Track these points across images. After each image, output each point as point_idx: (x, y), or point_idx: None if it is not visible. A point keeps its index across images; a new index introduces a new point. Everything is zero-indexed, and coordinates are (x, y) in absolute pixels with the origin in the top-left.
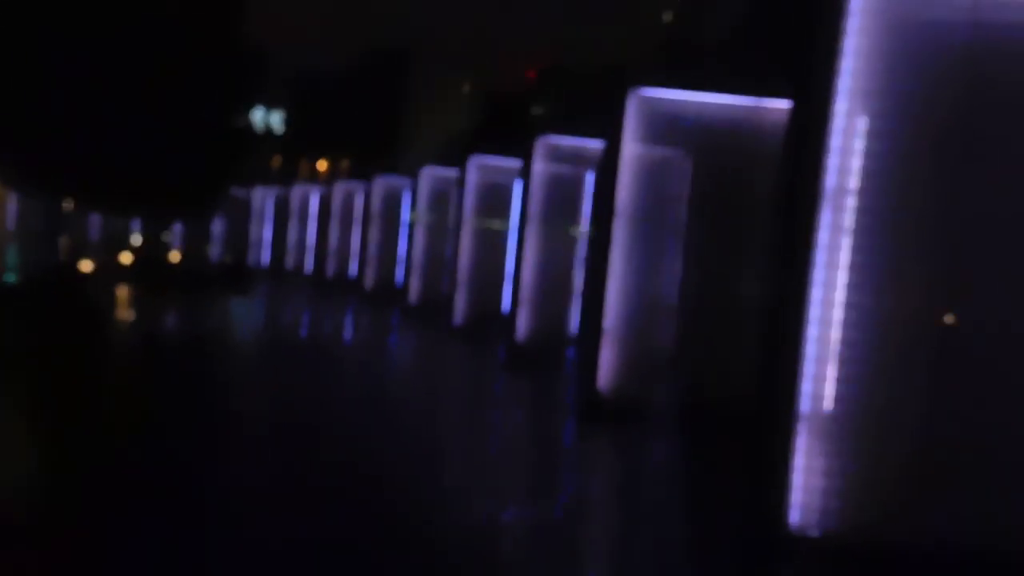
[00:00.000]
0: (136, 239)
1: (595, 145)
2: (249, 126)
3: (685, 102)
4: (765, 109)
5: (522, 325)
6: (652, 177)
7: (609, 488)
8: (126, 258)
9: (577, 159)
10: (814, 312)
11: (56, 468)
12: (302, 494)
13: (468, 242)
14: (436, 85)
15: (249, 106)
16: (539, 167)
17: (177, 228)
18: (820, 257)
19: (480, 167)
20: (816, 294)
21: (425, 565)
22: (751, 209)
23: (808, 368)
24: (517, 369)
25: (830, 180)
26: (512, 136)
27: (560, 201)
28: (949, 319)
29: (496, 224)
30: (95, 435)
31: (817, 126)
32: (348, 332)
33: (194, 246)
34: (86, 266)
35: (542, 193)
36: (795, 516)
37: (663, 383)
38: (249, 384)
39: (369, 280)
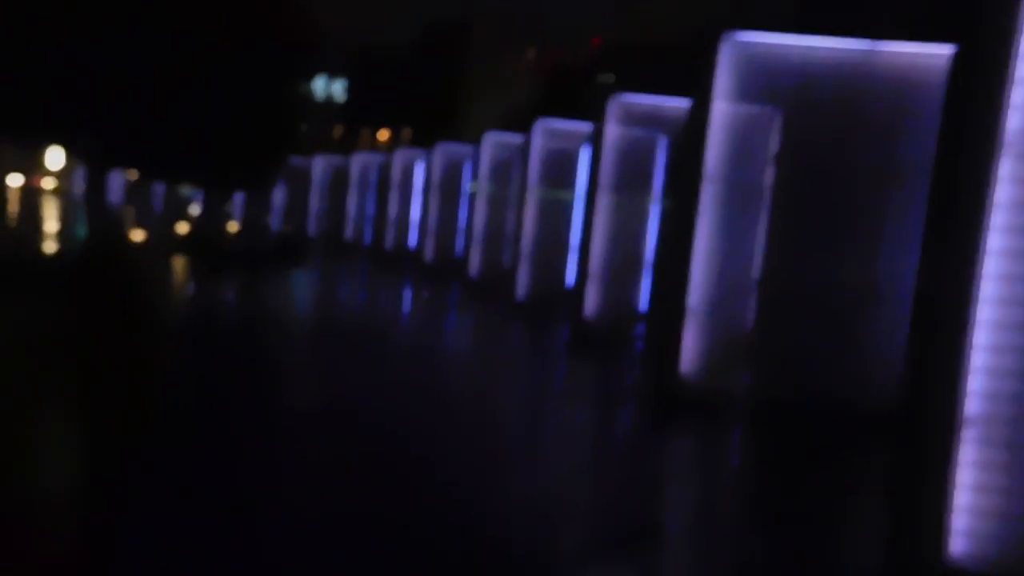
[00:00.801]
0: (195, 209)
1: (675, 104)
2: (309, 94)
3: (783, 48)
4: (880, 54)
5: (590, 302)
6: (744, 137)
7: (708, 504)
8: (183, 228)
9: (654, 121)
10: (987, 289)
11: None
12: (336, 507)
13: (533, 212)
14: (497, 55)
15: (309, 74)
16: (612, 130)
17: (238, 198)
18: (998, 219)
19: (547, 132)
20: (991, 266)
21: None
22: (856, 173)
23: (977, 360)
24: (584, 350)
25: (1014, 121)
26: (578, 104)
27: (633, 167)
28: None
29: (563, 193)
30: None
31: (998, 48)
32: (405, 308)
33: (254, 217)
34: (137, 236)
35: (614, 158)
36: (957, 545)
37: (753, 372)
38: (296, 368)
39: (429, 252)
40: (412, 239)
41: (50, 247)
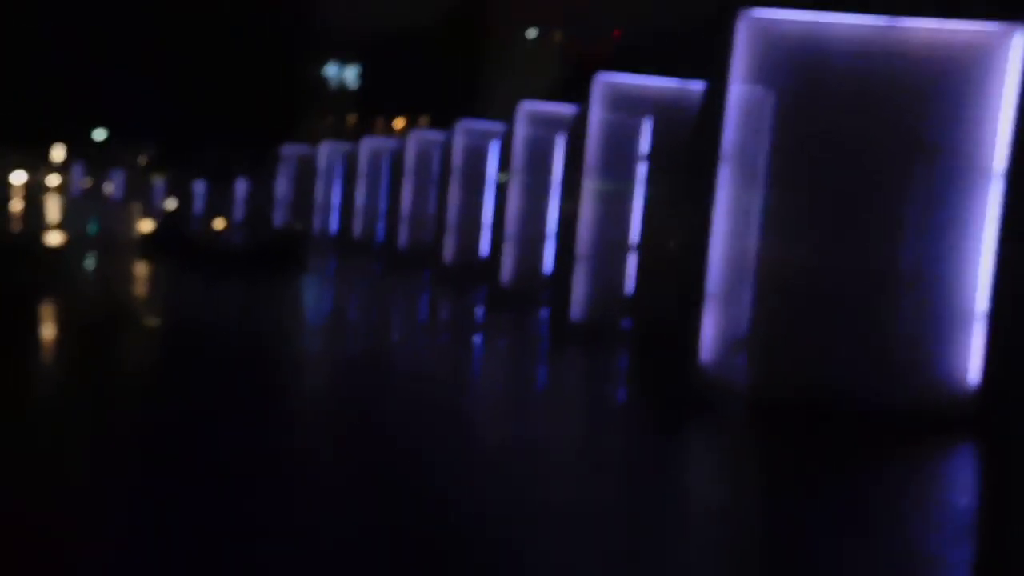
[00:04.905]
0: (170, 203)
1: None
2: (318, 80)
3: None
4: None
5: (707, 334)
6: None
7: None
8: (146, 226)
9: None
10: None
11: None
12: None
13: (589, 204)
14: (518, 42)
15: (319, 60)
16: (736, 87)
17: (240, 189)
18: None
19: (610, 94)
20: None
21: None
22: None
23: None
24: (698, 415)
25: None
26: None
27: (750, 138)
28: None
29: (625, 181)
30: None
31: None
32: (417, 336)
33: (256, 211)
34: (54, 239)
35: (740, 123)
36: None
37: None
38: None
39: (448, 252)
40: (428, 236)
41: None
